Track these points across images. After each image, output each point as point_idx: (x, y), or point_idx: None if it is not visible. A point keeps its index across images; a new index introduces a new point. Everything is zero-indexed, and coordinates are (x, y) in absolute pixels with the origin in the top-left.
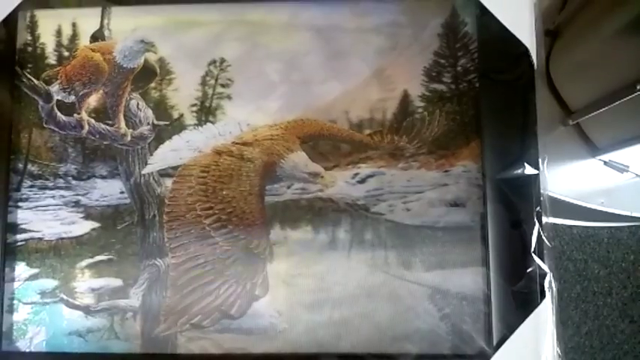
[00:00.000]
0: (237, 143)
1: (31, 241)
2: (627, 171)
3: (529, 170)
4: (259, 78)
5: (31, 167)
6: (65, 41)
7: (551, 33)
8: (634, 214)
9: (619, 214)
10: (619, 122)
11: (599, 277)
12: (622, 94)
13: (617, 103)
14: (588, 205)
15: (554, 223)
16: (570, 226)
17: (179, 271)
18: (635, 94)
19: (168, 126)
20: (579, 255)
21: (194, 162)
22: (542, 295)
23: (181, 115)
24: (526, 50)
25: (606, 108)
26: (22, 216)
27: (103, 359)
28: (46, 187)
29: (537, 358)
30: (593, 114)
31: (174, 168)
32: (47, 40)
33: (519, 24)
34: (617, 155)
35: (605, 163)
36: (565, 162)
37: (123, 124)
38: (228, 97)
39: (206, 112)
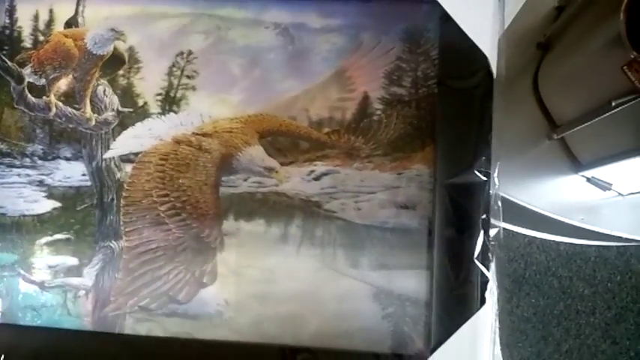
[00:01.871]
0: (197, 134)
1: None
2: (610, 189)
3: (478, 178)
4: (223, 72)
5: (0, 145)
6: (41, 26)
7: (542, 46)
8: (614, 233)
9: (607, 233)
10: (601, 138)
11: (583, 296)
12: (600, 110)
13: (595, 119)
14: (567, 221)
15: (541, 238)
16: (557, 243)
17: (132, 255)
18: (611, 112)
19: (132, 113)
20: (565, 272)
21: (154, 149)
22: (483, 302)
23: (145, 104)
24: (485, 59)
25: (586, 124)
26: None
27: (54, 334)
28: (13, 165)
29: None
30: (574, 129)
31: (135, 154)
32: (24, 25)
33: (481, 33)
34: (601, 172)
35: (588, 179)
36: (548, 176)
37: (89, 108)
38: (193, 89)
39: (170, 101)
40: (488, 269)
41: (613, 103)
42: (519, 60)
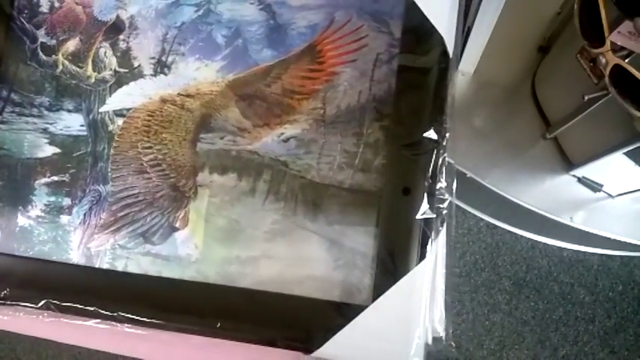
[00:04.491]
0: (181, 94)
1: (3, 157)
2: (600, 190)
3: (427, 147)
4: (209, 40)
5: (13, 96)
6: None
7: (543, 49)
8: (602, 233)
9: (611, 239)
10: (589, 137)
11: (583, 303)
12: (581, 108)
13: (579, 117)
14: (556, 219)
15: (545, 243)
16: (560, 248)
17: (116, 198)
18: (592, 107)
19: (127, 73)
20: (566, 278)
21: (143, 106)
22: (422, 258)
23: (140, 65)
24: (442, 41)
25: (572, 122)
26: (0, 136)
27: (43, 264)
28: (22, 114)
29: (406, 313)
30: (563, 127)
31: (127, 110)
32: None
33: (439, 15)
34: (592, 173)
35: (579, 179)
36: (540, 175)
37: (90, 67)
38: (182, 54)
39: (162, 65)
40: (430, 229)
41: (585, 98)
42: (522, 63)
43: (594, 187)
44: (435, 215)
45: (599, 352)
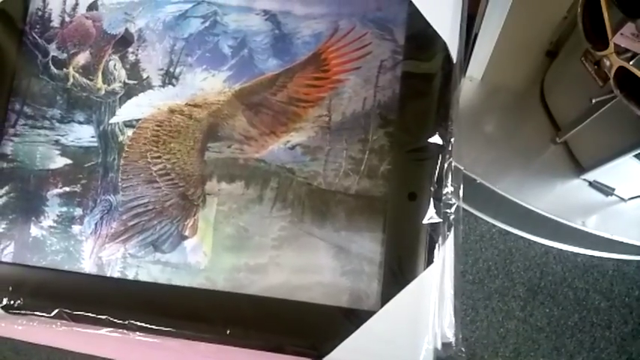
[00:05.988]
0: (189, 104)
1: (16, 169)
2: (612, 194)
3: (432, 152)
4: (215, 51)
5: (26, 109)
6: (68, 9)
7: (550, 54)
8: (615, 238)
9: (625, 244)
10: (599, 141)
11: (599, 309)
12: (590, 111)
13: (587, 120)
14: (568, 223)
15: (558, 249)
16: (575, 254)
17: (126, 208)
18: (600, 111)
19: (136, 85)
20: (581, 284)
21: (152, 117)
22: (430, 262)
23: (148, 77)
24: (445, 46)
25: (581, 125)
26: (13, 148)
27: (56, 273)
28: (35, 127)
29: (415, 318)
30: (572, 131)
31: (136, 120)
32: (54, 7)
33: (442, 21)
34: (603, 177)
35: (591, 183)
36: (551, 180)
37: (100, 80)
38: (190, 65)
39: (170, 76)
40: (437, 234)
41: (593, 101)
42: (530, 68)
43: (606, 190)
44: (441, 220)
45: (616, 358)
